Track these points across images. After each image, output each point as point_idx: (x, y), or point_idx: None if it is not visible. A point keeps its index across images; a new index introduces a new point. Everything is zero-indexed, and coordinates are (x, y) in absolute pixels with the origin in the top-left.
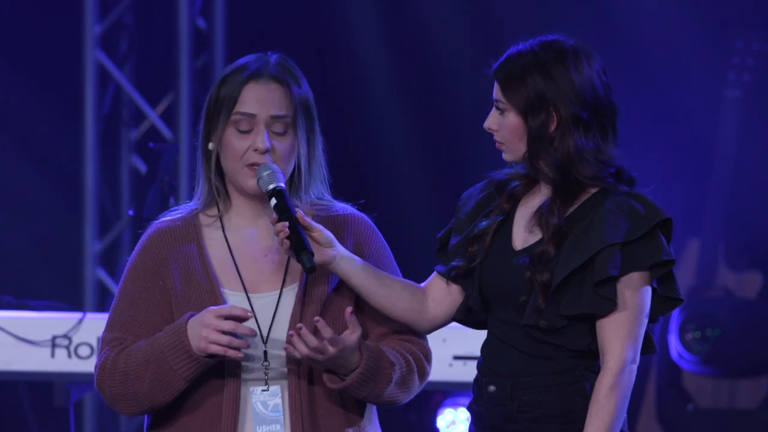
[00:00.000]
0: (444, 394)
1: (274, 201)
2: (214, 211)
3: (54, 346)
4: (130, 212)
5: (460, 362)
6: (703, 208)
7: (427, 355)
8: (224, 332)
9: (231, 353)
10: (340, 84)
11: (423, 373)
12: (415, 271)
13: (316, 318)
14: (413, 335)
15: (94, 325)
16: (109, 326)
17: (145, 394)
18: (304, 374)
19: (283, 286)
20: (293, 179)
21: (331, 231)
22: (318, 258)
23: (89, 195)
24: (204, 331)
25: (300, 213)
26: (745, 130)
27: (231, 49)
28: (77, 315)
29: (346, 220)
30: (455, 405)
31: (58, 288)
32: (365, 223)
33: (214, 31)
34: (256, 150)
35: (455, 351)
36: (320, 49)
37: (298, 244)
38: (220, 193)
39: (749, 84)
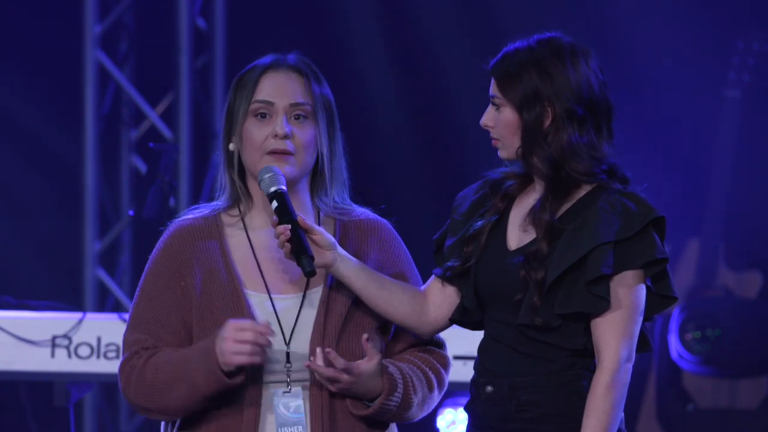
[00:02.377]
0: (444, 394)
1: (275, 204)
2: (236, 211)
3: (54, 346)
4: (130, 212)
5: (459, 362)
6: (703, 208)
7: (447, 366)
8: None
9: (256, 360)
10: (339, 83)
11: (442, 385)
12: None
13: (328, 350)
14: (434, 345)
15: (94, 325)
16: (131, 326)
17: (173, 409)
18: None
19: (306, 289)
20: (315, 176)
21: (355, 236)
22: (319, 261)
23: (89, 195)
24: (225, 344)
25: (300, 216)
26: (745, 130)
27: (231, 49)
28: (77, 315)
29: (369, 225)
30: (455, 405)
31: (58, 288)
32: (388, 230)
33: (214, 31)
34: (275, 136)
35: (455, 351)
36: (320, 48)
37: (298, 247)
38: (242, 193)
39: (749, 84)
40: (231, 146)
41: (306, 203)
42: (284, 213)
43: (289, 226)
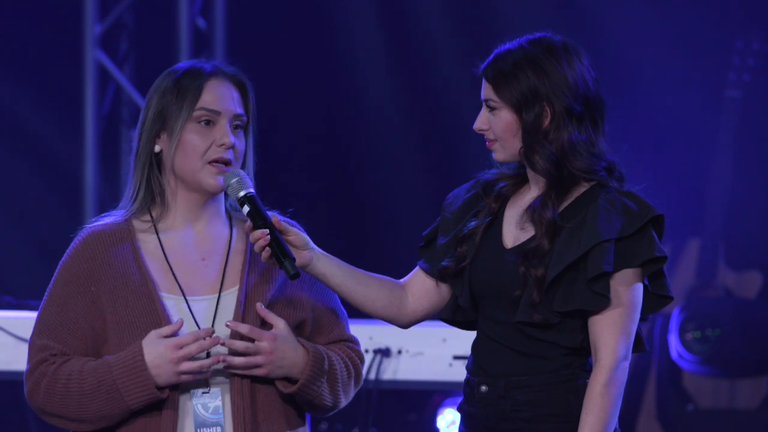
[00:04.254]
0: (444, 394)
1: (247, 208)
2: (147, 217)
3: None
4: None
5: (460, 362)
6: (703, 208)
7: (363, 361)
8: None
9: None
10: (338, 83)
11: (359, 378)
12: (406, 270)
13: (228, 321)
14: (351, 342)
15: None
16: (38, 331)
17: (90, 419)
18: (246, 377)
19: (221, 290)
20: None
21: None
22: (296, 261)
23: (89, 195)
24: (173, 368)
25: (276, 217)
26: (745, 130)
27: (231, 49)
28: None
29: None
30: (455, 405)
31: None
32: None
33: (214, 31)
34: (221, 145)
35: (455, 351)
36: (320, 49)
37: (279, 251)
38: (159, 197)
39: (749, 84)
40: (157, 148)
41: (221, 209)
42: (259, 216)
43: (267, 230)
